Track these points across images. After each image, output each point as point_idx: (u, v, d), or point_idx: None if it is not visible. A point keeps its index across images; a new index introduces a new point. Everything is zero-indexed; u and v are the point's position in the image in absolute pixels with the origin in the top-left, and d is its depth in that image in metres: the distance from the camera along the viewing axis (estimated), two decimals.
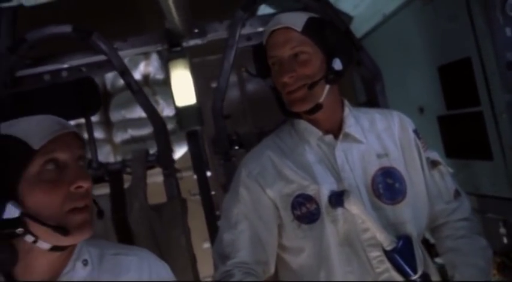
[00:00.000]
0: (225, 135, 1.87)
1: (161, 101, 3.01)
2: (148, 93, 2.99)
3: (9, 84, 1.88)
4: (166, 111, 3.05)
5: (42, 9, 2.33)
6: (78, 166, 1.01)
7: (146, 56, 3.04)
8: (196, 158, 1.89)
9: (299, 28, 1.37)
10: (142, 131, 2.99)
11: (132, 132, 2.95)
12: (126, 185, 1.88)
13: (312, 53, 1.37)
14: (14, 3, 2.38)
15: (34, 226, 0.95)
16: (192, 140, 1.92)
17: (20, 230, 0.95)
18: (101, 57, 2.00)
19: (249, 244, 1.37)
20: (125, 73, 1.85)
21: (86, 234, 0.99)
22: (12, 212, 0.93)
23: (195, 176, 2.22)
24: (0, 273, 1.00)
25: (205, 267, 1.84)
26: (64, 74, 1.99)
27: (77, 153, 1.02)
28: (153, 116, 1.84)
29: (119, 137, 2.96)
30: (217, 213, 2.23)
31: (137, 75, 3.00)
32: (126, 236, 1.73)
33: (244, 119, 3.15)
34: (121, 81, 3.02)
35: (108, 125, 3.01)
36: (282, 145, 1.47)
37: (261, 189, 1.40)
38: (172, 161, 1.82)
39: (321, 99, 1.38)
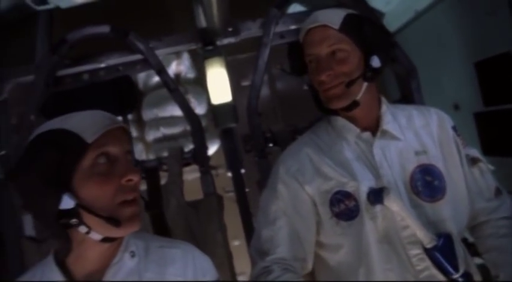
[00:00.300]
0: (260, 133, 1.88)
1: (192, 100, 3.04)
2: (182, 91, 3.02)
3: (50, 84, 1.93)
4: (198, 110, 3.07)
5: (74, 10, 2.40)
6: (127, 160, 1.05)
7: (178, 55, 3.07)
8: (232, 156, 1.91)
9: (336, 26, 1.37)
10: (174, 130, 3.02)
11: (164, 131, 2.99)
12: (162, 182, 1.92)
13: (349, 50, 1.37)
14: (50, 6, 2.44)
15: (87, 217, 0.99)
16: (227, 137, 1.94)
17: (74, 221, 0.98)
18: (137, 57, 2.04)
19: (288, 240, 1.38)
20: (162, 72, 1.88)
21: (135, 226, 1.02)
22: (68, 203, 0.96)
23: (228, 174, 2.24)
24: (55, 261, 1.04)
25: (236, 265, 1.85)
26: (102, 73, 2.03)
27: (126, 147, 1.06)
28: (189, 114, 1.87)
29: (151, 135, 3.01)
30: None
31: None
32: (163, 232, 1.76)
33: (274, 117, 3.16)
34: (153, 80, 3.08)
35: (140, 123, 3.06)
36: (319, 142, 1.47)
37: (300, 186, 1.41)
38: (208, 158, 1.84)
39: (358, 97, 1.38)
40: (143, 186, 1.91)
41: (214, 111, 1.91)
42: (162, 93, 2.89)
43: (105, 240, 1.02)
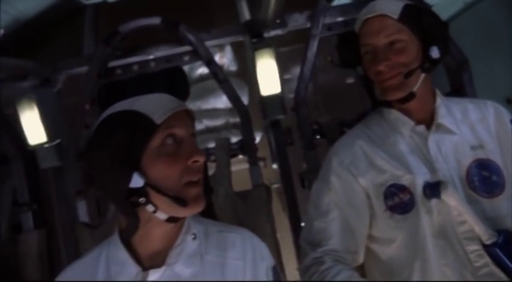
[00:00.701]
0: (308, 125, 1.87)
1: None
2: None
3: (102, 75, 1.98)
4: None
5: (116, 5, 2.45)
6: (192, 142, 1.07)
7: (220, 48, 3.09)
8: (280, 147, 1.92)
9: (396, 15, 1.34)
10: (217, 122, 3.05)
11: (207, 123, 3.02)
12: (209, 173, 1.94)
13: (408, 41, 1.35)
14: (98, 0, 2.51)
15: (154, 197, 1.01)
16: (275, 128, 1.94)
17: (142, 199, 1.01)
18: (185, 48, 2.06)
19: (340, 232, 1.37)
20: (211, 63, 1.90)
21: (200, 206, 1.05)
22: (137, 181, 0.99)
23: (273, 166, 2.25)
24: (120, 240, 1.07)
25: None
26: (151, 64, 2.07)
27: (191, 129, 1.08)
28: (239, 105, 1.88)
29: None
30: None
31: None
32: None
33: (317, 110, 3.14)
34: (196, 73, 3.12)
35: None
36: (371, 135, 1.46)
37: (353, 178, 1.40)
38: (256, 149, 1.85)
39: (415, 88, 1.36)
40: None
41: (263, 102, 1.91)
42: (204, 85, 2.93)
43: (170, 220, 1.04)
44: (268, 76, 1.88)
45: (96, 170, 1.03)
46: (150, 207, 1.02)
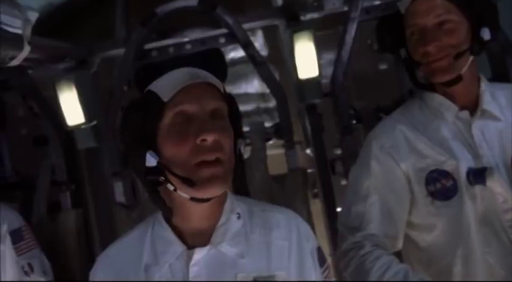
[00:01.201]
0: (346, 109, 1.85)
1: None
2: (253, 69, 3.03)
3: (138, 57, 1.99)
4: None
5: None
6: (205, 118, 0.98)
7: (252, 32, 3.06)
8: (316, 132, 1.90)
9: None
10: (248, 107, 3.04)
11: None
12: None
13: (458, 21, 1.30)
14: None
15: (170, 176, 0.98)
16: (312, 112, 1.92)
17: (161, 178, 0.99)
18: (220, 31, 2.05)
19: (379, 217, 1.35)
20: (249, 46, 1.89)
21: (216, 188, 0.97)
22: (150, 160, 0.97)
23: (307, 150, 2.23)
24: (164, 219, 1.07)
25: None
26: (186, 46, 2.06)
27: (209, 104, 0.99)
28: (276, 88, 1.87)
29: None
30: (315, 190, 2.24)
31: (242, 51, 3.04)
32: None
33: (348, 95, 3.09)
34: (227, 57, 3.09)
35: None
36: (412, 120, 1.42)
37: (394, 163, 1.37)
38: (293, 132, 1.84)
39: (463, 71, 1.32)
40: None
41: (300, 86, 1.89)
42: (236, 70, 2.91)
43: (194, 199, 1.00)
44: (306, 59, 1.85)
45: (124, 151, 1.05)
46: (170, 187, 0.99)
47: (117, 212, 1.90)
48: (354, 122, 1.94)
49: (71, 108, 1.95)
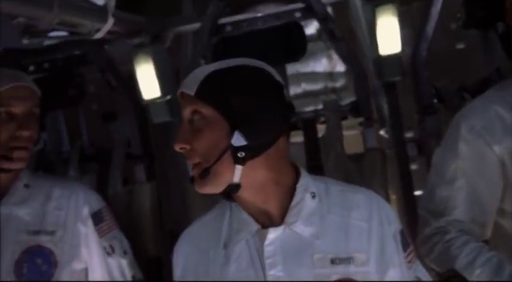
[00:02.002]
0: (428, 88, 1.77)
1: (334, 56, 2.95)
2: (323, 47, 2.96)
3: (213, 32, 1.97)
4: (339, 67, 3.00)
5: None
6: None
7: None
8: (394, 111, 1.82)
9: None
10: (315, 86, 2.98)
11: (305, 87, 2.96)
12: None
13: None
14: None
15: None
16: (391, 91, 1.84)
17: None
18: (296, 5, 1.99)
19: (467, 202, 1.27)
20: (327, 20, 1.82)
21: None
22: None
23: (380, 131, 2.15)
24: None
25: None
26: (260, 21, 2.02)
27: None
28: (354, 65, 1.80)
29: (292, 90, 2.96)
30: None
31: (312, 29, 2.97)
32: None
33: None
34: None
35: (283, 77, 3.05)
36: (509, 99, 1.32)
37: (487, 145, 1.27)
38: (372, 111, 1.78)
39: None
40: (300, 138, 1.90)
41: (380, 62, 1.81)
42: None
43: None
44: (389, 34, 1.77)
45: None
46: None
47: (188, 187, 1.91)
48: (435, 101, 1.84)
49: (148, 82, 1.97)
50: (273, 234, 1.01)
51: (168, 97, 1.99)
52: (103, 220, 1.53)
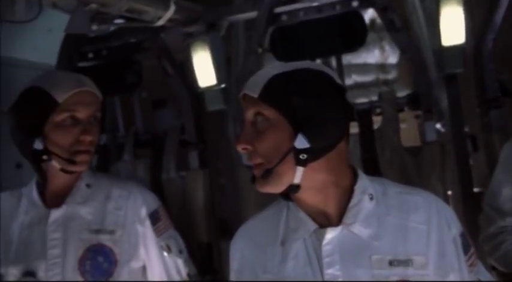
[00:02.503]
0: (494, 80, 1.70)
1: (387, 48, 2.90)
2: (375, 38, 2.90)
3: (269, 21, 1.96)
4: (391, 59, 2.94)
5: None
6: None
7: None
8: (455, 104, 1.76)
9: None
10: (366, 78, 2.93)
11: (356, 78, 2.91)
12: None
13: None
14: None
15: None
16: (452, 83, 1.78)
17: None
18: None
19: None
20: (388, 9, 1.77)
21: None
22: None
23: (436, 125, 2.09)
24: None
25: None
26: (316, 11, 1.99)
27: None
28: (415, 56, 1.75)
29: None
30: None
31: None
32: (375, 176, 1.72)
33: None
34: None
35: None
36: None
37: None
38: (432, 103, 1.72)
39: None
40: (355, 129, 1.87)
41: (442, 53, 1.75)
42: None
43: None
44: (453, 24, 1.70)
45: None
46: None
47: (241, 174, 1.93)
48: (499, 95, 1.77)
49: (204, 70, 1.99)
50: (331, 234, 1.03)
51: (223, 85, 2.01)
52: (160, 219, 1.57)
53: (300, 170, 0.99)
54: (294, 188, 1.01)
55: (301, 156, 0.97)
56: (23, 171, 2.58)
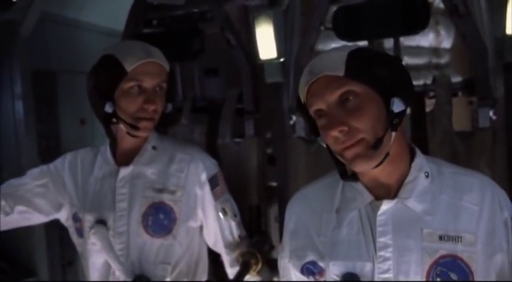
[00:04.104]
0: None
1: (442, 32, 2.87)
2: (431, 22, 2.88)
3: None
4: (445, 44, 2.92)
5: None
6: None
7: None
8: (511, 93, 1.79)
9: None
10: (419, 60, 2.92)
11: (408, 60, 2.91)
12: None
13: None
14: None
15: None
16: (510, 72, 1.80)
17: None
18: None
19: None
20: None
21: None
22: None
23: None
24: None
25: None
26: None
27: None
28: (478, 42, 1.76)
29: None
30: None
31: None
32: None
33: None
34: None
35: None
36: None
37: None
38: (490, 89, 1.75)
39: None
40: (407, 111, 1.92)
41: (505, 42, 1.77)
42: None
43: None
44: None
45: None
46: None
47: (295, 144, 2.02)
48: None
49: (266, 43, 2.06)
50: (386, 205, 1.09)
51: (282, 59, 2.08)
52: (218, 184, 1.66)
53: (393, 135, 1.04)
54: (387, 156, 1.04)
55: (394, 121, 1.03)
56: (86, 127, 2.78)
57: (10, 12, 2.39)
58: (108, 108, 1.46)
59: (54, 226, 2.01)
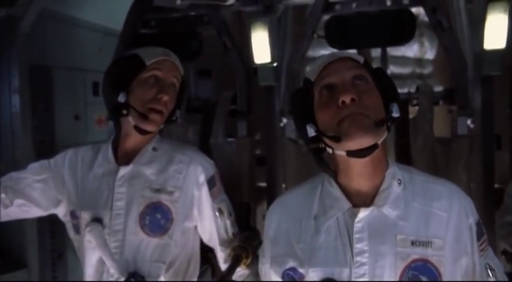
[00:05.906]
0: None
1: (426, 43, 3.03)
2: (416, 33, 3.02)
3: (324, 9, 2.12)
4: (428, 55, 3.07)
5: None
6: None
7: None
8: (488, 104, 1.90)
9: None
10: (403, 70, 3.07)
11: (393, 69, 3.05)
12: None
13: None
14: None
15: (326, 140, 1.14)
16: (488, 85, 1.90)
17: (321, 145, 1.14)
18: None
19: None
20: (437, 10, 1.91)
21: (359, 137, 1.07)
22: (310, 132, 1.14)
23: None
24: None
25: None
26: (370, 3, 2.12)
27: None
28: (458, 55, 1.89)
29: None
30: None
31: None
32: (405, 163, 1.88)
33: None
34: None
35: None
36: None
37: None
38: (468, 99, 1.87)
39: None
40: None
41: (483, 56, 1.90)
42: None
43: (350, 154, 1.12)
44: (497, 30, 1.83)
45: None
46: (328, 150, 1.15)
47: (285, 146, 2.11)
48: None
49: (261, 48, 2.16)
50: (363, 213, 1.13)
51: (275, 64, 2.18)
52: (215, 184, 1.69)
53: (385, 136, 1.10)
54: (373, 148, 1.08)
55: (388, 123, 1.09)
56: (80, 123, 2.83)
57: (11, 8, 2.44)
58: (121, 98, 1.51)
59: (45, 220, 2.04)
